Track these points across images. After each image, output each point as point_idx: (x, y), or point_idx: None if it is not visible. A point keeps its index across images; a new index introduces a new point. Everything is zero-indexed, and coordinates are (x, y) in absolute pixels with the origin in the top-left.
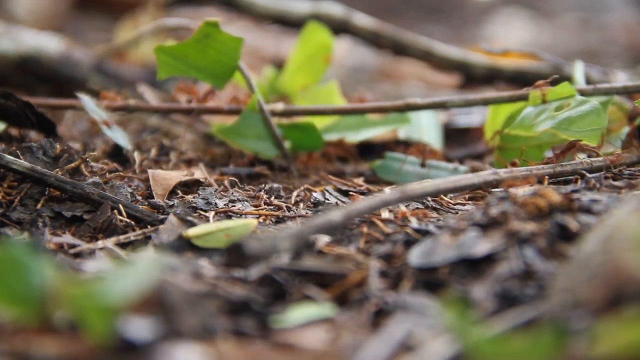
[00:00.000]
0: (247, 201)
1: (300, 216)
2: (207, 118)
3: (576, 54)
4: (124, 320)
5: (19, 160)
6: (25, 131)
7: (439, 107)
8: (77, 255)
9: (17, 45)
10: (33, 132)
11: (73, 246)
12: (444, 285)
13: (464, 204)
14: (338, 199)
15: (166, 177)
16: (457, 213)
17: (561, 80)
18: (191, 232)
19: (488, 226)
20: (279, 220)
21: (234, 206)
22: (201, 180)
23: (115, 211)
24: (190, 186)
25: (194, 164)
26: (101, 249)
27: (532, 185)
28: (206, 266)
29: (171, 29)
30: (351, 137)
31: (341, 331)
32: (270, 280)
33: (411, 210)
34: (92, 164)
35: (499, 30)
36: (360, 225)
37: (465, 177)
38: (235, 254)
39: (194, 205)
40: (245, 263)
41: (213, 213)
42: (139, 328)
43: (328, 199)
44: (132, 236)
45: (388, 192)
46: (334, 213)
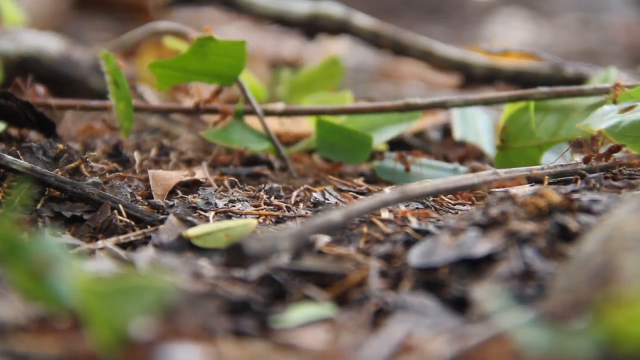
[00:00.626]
0: (247, 201)
1: (300, 216)
2: (207, 118)
3: (576, 54)
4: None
5: (19, 160)
6: (25, 131)
7: (439, 107)
8: (77, 255)
9: (17, 45)
10: (33, 132)
11: (73, 246)
12: (444, 285)
13: (464, 204)
14: (338, 199)
15: (166, 178)
16: (457, 213)
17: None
18: (191, 232)
19: (488, 226)
20: (279, 220)
21: (234, 206)
22: (201, 180)
23: (115, 211)
24: (190, 186)
25: (194, 164)
26: (101, 249)
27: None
28: (206, 266)
29: (162, 33)
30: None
31: (341, 331)
32: (270, 280)
33: (411, 210)
34: (92, 164)
35: (499, 30)
36: (360, 225)
37: (465, 177)
38: (235, 254)
39: (194, 205)
40: (245, 263)
41: (213, 213)
42: (139, 328)
43: (328, 199)
44: (132, 236)
45: (388, 192)
46: (334, 213)
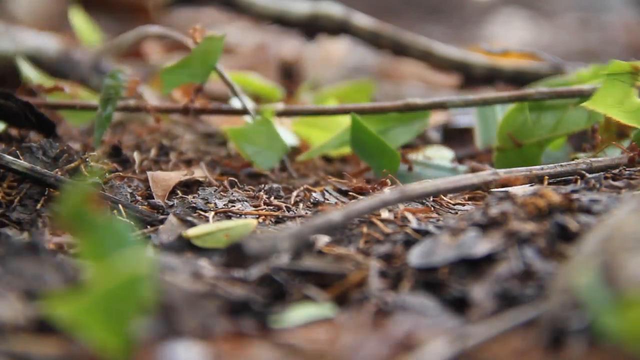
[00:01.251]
0: (247, 201)
1: (300, 216)
2: (207, 118)
3: (576, 54)
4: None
5: (19, 160)
6: (24, 131)
7: (439, 107)
8: (77, 255)
9: (17, 45)
10: (33, 132)
11: (73, 246)
12: (444, 285)
13: (464, 204)
14: (338, 199)
15: (166, 178)
16: (457, 213)
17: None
18: (191, 232)
19: (488, 226)
20: (279, 220)
21: (234, 206)
22: (201, 180)
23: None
24: (190, 186)
25: (194, 164)
26: None
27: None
28: (206, 266)
29: (152, 37)
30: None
31: (341, 331)
32: (270, 280)
33: (410, 208)
34: (92, 164)
35: (499, 30)
36: (360, 225)
37: (465, 177)
38: (235, 254)
39: (194, 205)
40: (245, 263)
41: (213, 213)
42: (139, 328)
43: (328, 199)
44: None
45: (388, 192)
46: (334, 213)
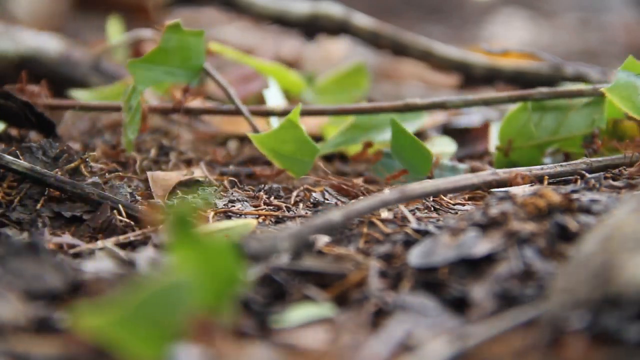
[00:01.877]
0: (247, 201)
1: (299, 216)
2: (207, 118)
3: (576, 54)
4: None
5: (19, 160)
6: (24, 131)
7: (439, 108)
8: (77, 255)
9: (17, 45)
10: (33, 132)
11: (73, 246)
12: (444, 285)
13: (464, 204)
14: (338, 199)
15: (165, 178)
16: (457, 213)
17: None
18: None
19: (488, 226)
20: (279, 220)
21: (234, 206)
22: (201, 180)
23: (114, 211)
24: (190, 186)
25: (194, 164)
26: (101, 249)
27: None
28: None
29: (147, 40)
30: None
31: (341, 331)
32: (270, 280)
33: (410, 209)
34: (92, 164)
35: (499, 30)
36: (360, 225)
37: (465, 177)
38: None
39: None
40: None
41: (213, 213)
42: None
43: (328, 199)
44: (132, 236)
45: (387, 192)
46: (334, 213)
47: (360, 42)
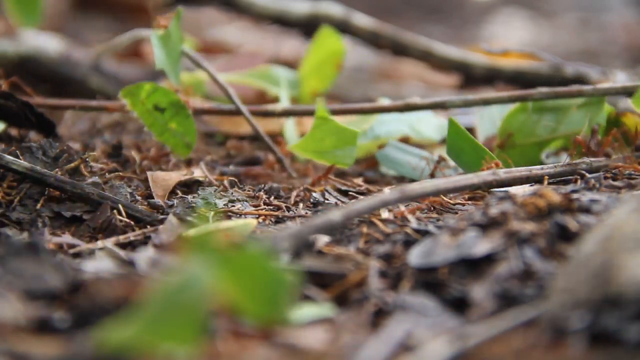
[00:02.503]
0: (247, 201)
1: (299, 216)
2: (207, 118)
3: (576, 54)
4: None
5: (19, 160)
6: (24, 131)
7: (439, 107)
8: (77, 255)
9: (17, 45)
10: (33, 132)
11: (73, 246)
12: (444, 285)
13: (464, 204)
14: (338, 199)
15: (165, 178)
16: (457, 213)
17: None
18: (191, 232)
19: (488, 226)
20: (279, 220)
21: (234, 206)
22: (201, 180)
23: (114, 211)
24: (190, 186)
25: (194, 164)
26: (101, 249)
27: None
28: None
29: (146, 39)
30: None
31: (341, 331)
32: None
33: (409, 209)
34: (92, 164)
35: (499, 30)
36: (360, 225)
37: (465, 177)
38: None
39: (194, 205)
40: None
41: (213, 213)
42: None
43: (328, 199)
44: (132, 236)
45: (387, 192)
46: (334, 213)
47: (360, 42)
